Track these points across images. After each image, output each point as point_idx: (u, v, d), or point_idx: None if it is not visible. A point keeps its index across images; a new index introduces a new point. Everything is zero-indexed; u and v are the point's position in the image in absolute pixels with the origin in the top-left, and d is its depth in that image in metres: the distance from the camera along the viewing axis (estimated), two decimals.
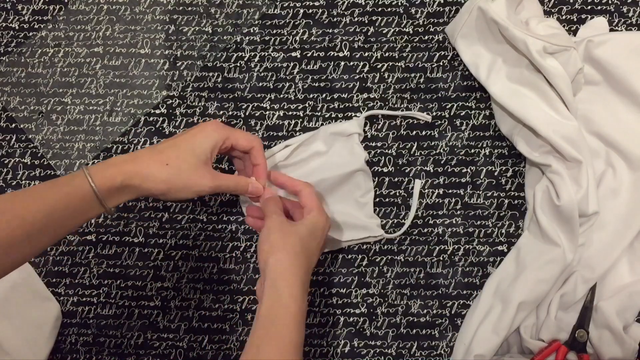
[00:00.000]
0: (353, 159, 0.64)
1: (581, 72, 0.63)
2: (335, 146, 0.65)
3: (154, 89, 0.71)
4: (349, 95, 0.69)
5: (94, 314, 0.68)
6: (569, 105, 0.61)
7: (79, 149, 0.70)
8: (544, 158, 0.61)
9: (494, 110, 0.66)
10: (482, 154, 0.67)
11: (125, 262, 0.68)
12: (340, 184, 0.65)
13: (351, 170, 0.64)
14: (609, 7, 0.68)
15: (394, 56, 0.69)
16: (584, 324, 0.60)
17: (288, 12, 0.71)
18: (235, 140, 0.55)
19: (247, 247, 0.67)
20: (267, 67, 0.70)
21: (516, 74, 0.62)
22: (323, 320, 0.66)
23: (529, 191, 0.65)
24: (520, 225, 0.65)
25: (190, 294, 0.67)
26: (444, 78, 0.69)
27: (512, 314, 0.59)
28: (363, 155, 0.65)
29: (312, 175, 0.64)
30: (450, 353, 0.64)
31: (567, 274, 0.60)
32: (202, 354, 0.66)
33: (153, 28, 0.72)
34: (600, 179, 0.62)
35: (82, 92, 0.72)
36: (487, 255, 0.65)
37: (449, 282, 0.65)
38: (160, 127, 0.70)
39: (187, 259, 0.68)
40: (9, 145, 0.71)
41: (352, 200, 0.65)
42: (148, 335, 0.67)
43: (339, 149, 0.65)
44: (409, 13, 0.70)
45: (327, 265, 0.66)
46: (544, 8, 0.69)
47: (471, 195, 0.66)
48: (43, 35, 0.73)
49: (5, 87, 0.72)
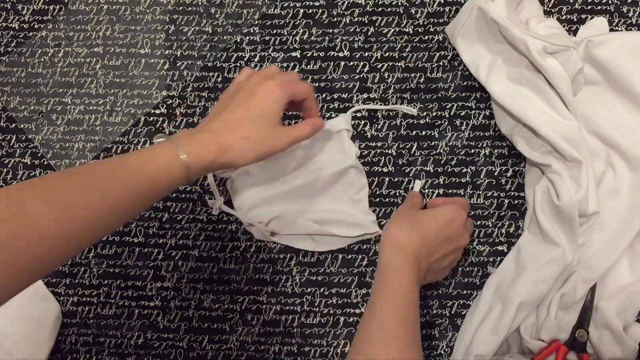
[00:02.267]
0: (344, 156, 0.64)
1: (581, 72, 0.63)
2: (324, 145, 0.65)
3: (154, 89, 0.71)
4: (349, 95, 0.69)
5: (94, 314, 0.68)
6: (569, 105, 0.61)
7: (79, 149, 0.70)
8: (544, 158, 0.61)
9: (494, 110, 0.66)
10: (482, 154, 0.67)
11: (125, 262, 0.68)
12: (333, 183, 0.65)
13: (343, 168, 0.64)
14: (609, 7, 0.68)
15: (394, 56, 0.69)
16: (584, 324, 0.60)
17: (288, 12, 0.71)
18: (296, 95, 0.55)
19: (247, 247, 0.67)
20: None
21: (516, 74, 0.62)
22: (323, 320, 0.66)
23: (529, 191, 0.65)
24: (520, 225, 0.65)
25: (190, 294, 0.67)
26: (444, 78, 0.69)
27: (512, 314, 0.59)
28: (354, 152, 0.65)
29: (303, 176, 0.64)
30: (450, 353, 0.64)
31: (567, 274, 0.60)
32: (202, 354, 0.66)
33: (153, 28, 0.72)
34: (600, 179, 0.62)
35: (82, 92, 0.72)
36: (487, 255, 0.65)
37: (449, 282, 0.65)
38: (160, 127, 0.70)
39: (187, 259, 0.68)
40: (9, 145, 0.71)
41: (346, 198, 0.65)
42: (148, 335, 0.67)
43: (329, 147, 0.65)
44: (409, 13, 0.70)
45: (327, 265, 0.66)
46: (544, 8, 0.69)
47: (471, 195, 0.66)
48: (43, 35, 0.73)
49: (5, 87, 0.72)
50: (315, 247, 0.66)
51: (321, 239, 0.65)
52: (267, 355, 0.66)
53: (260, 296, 0.67)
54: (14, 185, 0.42)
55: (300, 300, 0.66)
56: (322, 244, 0.66)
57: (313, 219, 0.64)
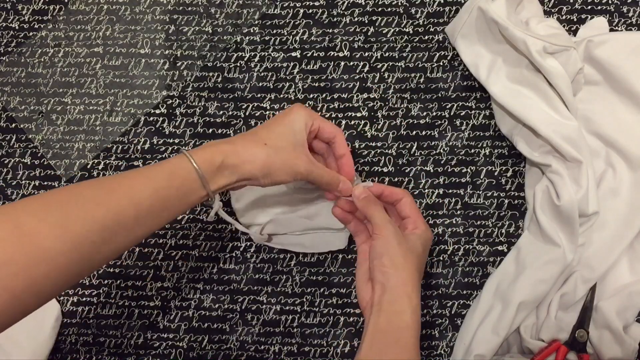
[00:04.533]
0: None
1: (581, 72, 0.63)
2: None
3: (154, 89, 0.71)
4: (349, 95, 0.69)
5: (94, 314, 0.68)
6: (569, 105, 0.61)
7: (79, 149, 0.70)
8: (544, 158, 0.61)
9: (494, 110, 0.66)
10: (482, 154, 0.67)
11: (125, 262, 0.68)
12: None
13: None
14: (609, 7, 0.68)
15: (394, 56, 0.69)
16: (584, 324, 0.60)
17: (288, 12, 0.71)
18: (320, 127, 0.52)
19: (247, 247, 0.67)
20: (267, 67, 0.70)
21: (516, 74, 0.62)
22: (323, 320, 0.66)
23: (529, 191, 0.65)
24: (520, 225, 0.65)
25: (190, 294, 0.67)
26: (444, 78, 0.69)
27: (512, 314, 0.59)
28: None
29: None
30: (450, 353, 0.64)
31: (567, 274, 0.60)
32: (202, 354, 0.66)
33: (153, 28, 0.72)
34: (600, 179, 0.62)
35: (82, 92, 0.72)
36: (487, 255, 0.65)
37: (449, 282, 0.65)
38: (160, 127, 0.70)
39: (187, 259, 0.68)
40: (9, 145, 0.71)
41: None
42: (148, 335, 0.67)
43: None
44: (409, 13, 0.70)
45: (327, 265, 0.66)
46: (544, 8, 0.69)
47: (471, 195, 0.66)
48: (43, 35, 0.73)
49: (5, 87, 0.72)
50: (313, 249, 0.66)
51: (317, 242, 0.65)
52: (267, 355, 0.66)
53: (260, 296, 0.67)
54: (9, 204, 0.40)
55: (300, 300, 0.66)
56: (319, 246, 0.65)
57: (306, 215, 0.64)
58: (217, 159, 0.47)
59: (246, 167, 0.48)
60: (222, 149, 0.47)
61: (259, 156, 0.48)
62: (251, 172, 0.48)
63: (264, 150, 0.48)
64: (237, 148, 0.48)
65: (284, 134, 0.50)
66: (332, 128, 0.53)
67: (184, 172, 0.46)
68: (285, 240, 0.66)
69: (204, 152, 0.47)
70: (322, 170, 0.52)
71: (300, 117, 0.51)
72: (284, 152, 0.49)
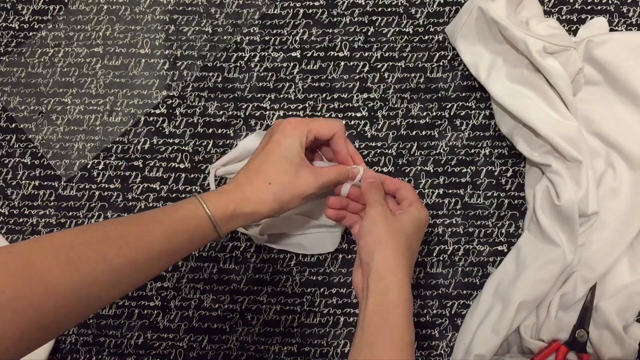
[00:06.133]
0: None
1: (581, 72, 0.63)
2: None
3: (154, 89, 0.71)
4: (349, 95, 0.69)
5: (93, 314, 0.68)
6: (569, 105, 0.61)
7: (79, 149, 0.70)
8: (544, 158, 0.61)
9: (494, 110, 0.66)
10: (482, 154, 0.67)
11: None
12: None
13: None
14: (609, 7, 0.68)
15: (394, 56, 0.69)
16: (584, 324, 0.60)
17: (288, 12, 0.71)
18: (317, 131, 0.53)
19: (247, 247, 0.67)
20: (267, 67, 0.70)
21: (516, 74, 0.62)
22: (323, 320, 0.66)
23: (529, 191, 0.65)
24: (520, 225, 0.65)
25: (190, 294, 0.67)
26: (444, 78, 0.69)
27: (512, 314, 0.59)
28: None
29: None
30: (450, 353, 0.64)
31: (567, 274, 0.60)
32: (202, 354, 0.66)
33: (153, 28, 0.72)
34: (600, 179, 0.62)
35: (82, 92, 0.72)
36: (487, 255, 0.65)
37: (449, 282, 0.65)
38: (160, 127, 0.70)
39: (187, 259, 0.68)
40: (9, 145, 0.71)
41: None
42: (148, 335, 0.67)
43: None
44: (409, 13, 0.70)
45: (327, 265, 0.66)
46: (544, 8, 0.69)
47: (471, 195, 0.66)
48: (43, 35, 0.73)
49: (5, 87, 0.72)
50: (312, 250, 0.66)
51: (316, 243, 0.65)
52: (267, 355, 0.66)
53: (260, 296, 0.67)
54: (20, 243, 0.40)
55: (300, 300, 0.66)
56: (318, 247, 0.65)
57: (305, 212, 0.64)
58: (230, 207, 0.48)
59: (256, 214, 0.49)
60: (234, 197, 0.48)
61: (267, 199, 0.49)
62: (262, 215, 0.50)
63: (271, 191, 0.49)
64: (246, 195, 0.49)
65: (283, 164, 0.50)
66: (329, 129, 0.53)
67: (197, 219, 0.47)
68: (285, 241, 0.66)
69: (217, 199, 0.48)
70: (330, 175, 0.53)
71: (294, 141, 0.51)
72: (289, 185, 0.50)
